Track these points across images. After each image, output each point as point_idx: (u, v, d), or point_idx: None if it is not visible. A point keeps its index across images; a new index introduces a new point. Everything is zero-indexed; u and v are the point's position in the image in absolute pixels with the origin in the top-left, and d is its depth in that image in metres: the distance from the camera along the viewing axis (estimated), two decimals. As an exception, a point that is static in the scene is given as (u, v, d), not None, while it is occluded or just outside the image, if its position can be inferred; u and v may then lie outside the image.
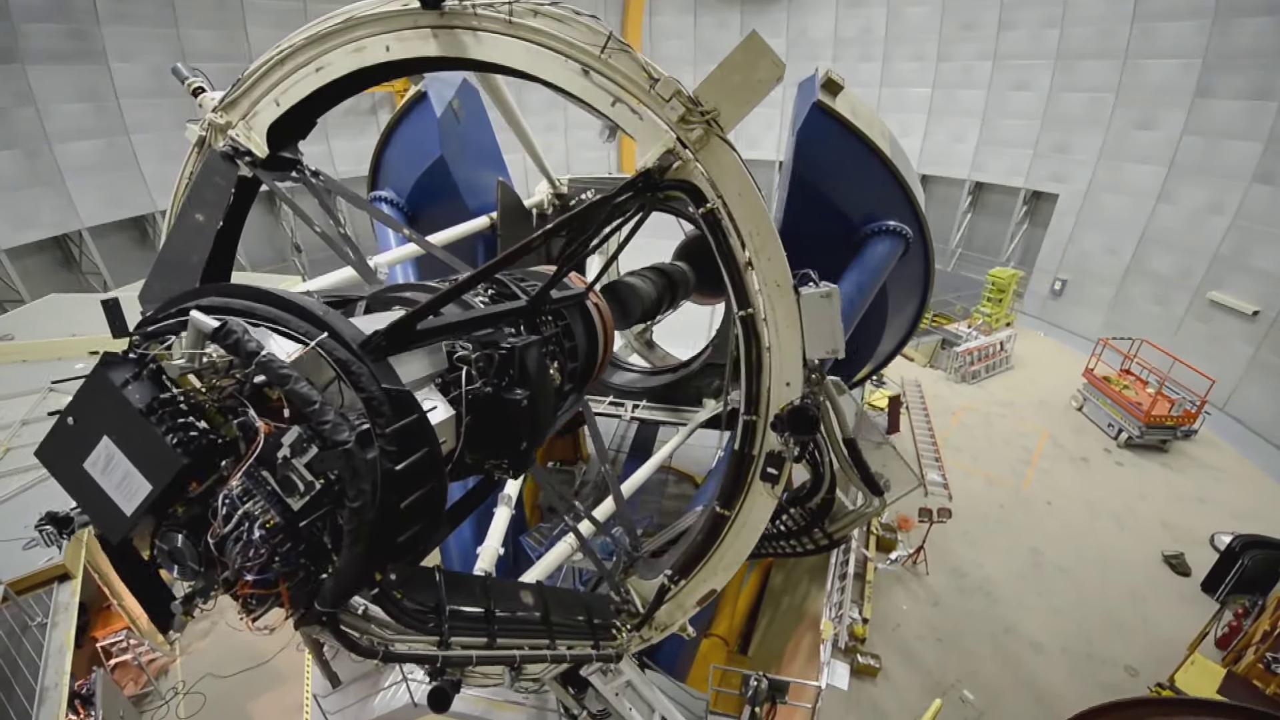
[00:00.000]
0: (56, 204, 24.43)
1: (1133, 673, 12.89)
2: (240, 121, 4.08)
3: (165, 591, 3.25)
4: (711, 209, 3.55)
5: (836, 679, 10.41)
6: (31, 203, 23.76)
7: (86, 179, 25.12)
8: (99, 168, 25.51)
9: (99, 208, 25.63)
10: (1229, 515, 17.42)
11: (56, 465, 2.90)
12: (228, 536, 2.71)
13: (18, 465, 12.21)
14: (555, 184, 12.34)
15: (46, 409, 13.45)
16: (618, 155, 38.62)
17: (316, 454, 2.73)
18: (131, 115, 26.12)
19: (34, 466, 11.48)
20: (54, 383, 3.65)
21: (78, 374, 2.83)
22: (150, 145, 26.92)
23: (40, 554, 9.94)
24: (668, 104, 3.37)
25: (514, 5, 3.28)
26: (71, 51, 24.06)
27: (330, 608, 3.10)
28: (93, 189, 25.36)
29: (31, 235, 23.86)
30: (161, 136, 27.15)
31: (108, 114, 25.54)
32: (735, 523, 4.34)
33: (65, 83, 24.09)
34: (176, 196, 4.31)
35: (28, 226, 23.72)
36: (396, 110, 11.78)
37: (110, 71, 25.19)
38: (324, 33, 3.67)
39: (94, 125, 25.23)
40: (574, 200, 12.30)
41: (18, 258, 23.45)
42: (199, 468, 2.73)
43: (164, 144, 27.29)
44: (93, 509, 2.85)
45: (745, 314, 3.75)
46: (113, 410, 2.67)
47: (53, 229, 24.46)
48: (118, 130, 25.89)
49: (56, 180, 24.30)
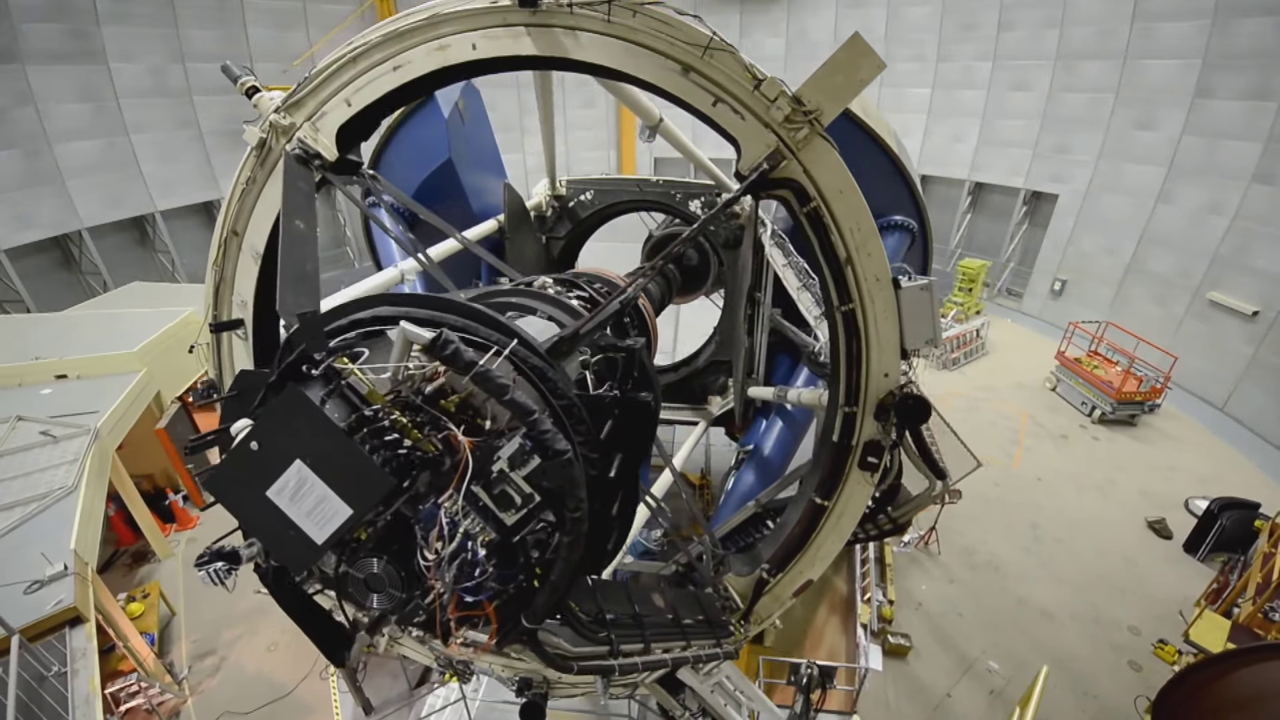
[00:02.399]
0: (56, 204, 24.27)
1: (1135, 632, 13.91)
2: (306, 123, 3.92)
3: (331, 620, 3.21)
4: (815, 206, 3.57)
5: (872, 661, 10.72)
6: (31, 203, 23.58)
7: (86, 179, 24.96)
8: (99, 168, 25.36)
9: (99, 208, 25.48)
10: (1197, 481, 18.88)
11: (231, 495, 2.70)
12: (445, 558, 2.61)
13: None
14: (557, 185, 12.27)
15: (14, 443, 12.51)
16: (617, 156, 38.59)
17: (538, 465, 2.65)
18: (131, 115, 25.97)
19: (15, 504, 10.84)
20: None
21: (43, 399, 2.57)
22: (150, 145, 26.81)
23: (44, 597, 9.29)
24: (773, 105, 3.37)
25: (612, 4, 3.26)
26: (71, 51, 23.92)
27: (538, 623, 3.02)
28: (93, 189, 25.21)
29: (31, 235, 23.66)
30: (161, 136, 27.10)
31: (107, 114, 25.39)
32: (833, 512, 4.38)
33: (65, 83, 23.93)
34: (232, 201, 4.09)
35: (27, 226, 23.53)
36: (400, 110, 11.72)
37: (110, 71, 25.05)
38: (404, 30, 3.56)
39: (94, 125, 25.07)
40: (572, 202, 12.24)
41: (17, 258, 23.23)
42: (403, 488, 2.62)
43: (164, 144, 27.24)
44: (273, 540, 2.68)
45: (847, 309, 3.77)
46: (309, 431, 2.51)
47: (52, 229, 24.27)
48: (118, 130, 25.72)
49: (56, 180, 24.14)
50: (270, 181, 3.99)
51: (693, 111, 3.51)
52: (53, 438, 12.73)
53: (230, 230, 4.14)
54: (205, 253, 17.98)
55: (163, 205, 27.34)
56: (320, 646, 3.80)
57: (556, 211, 12.18)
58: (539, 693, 4.39)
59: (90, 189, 25.10)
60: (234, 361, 4.39)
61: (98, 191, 25.37)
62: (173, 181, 27.65)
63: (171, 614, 13.99)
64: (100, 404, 13.98)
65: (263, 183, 4.01)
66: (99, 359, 15.55)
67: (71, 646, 9.17)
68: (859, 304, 3.75)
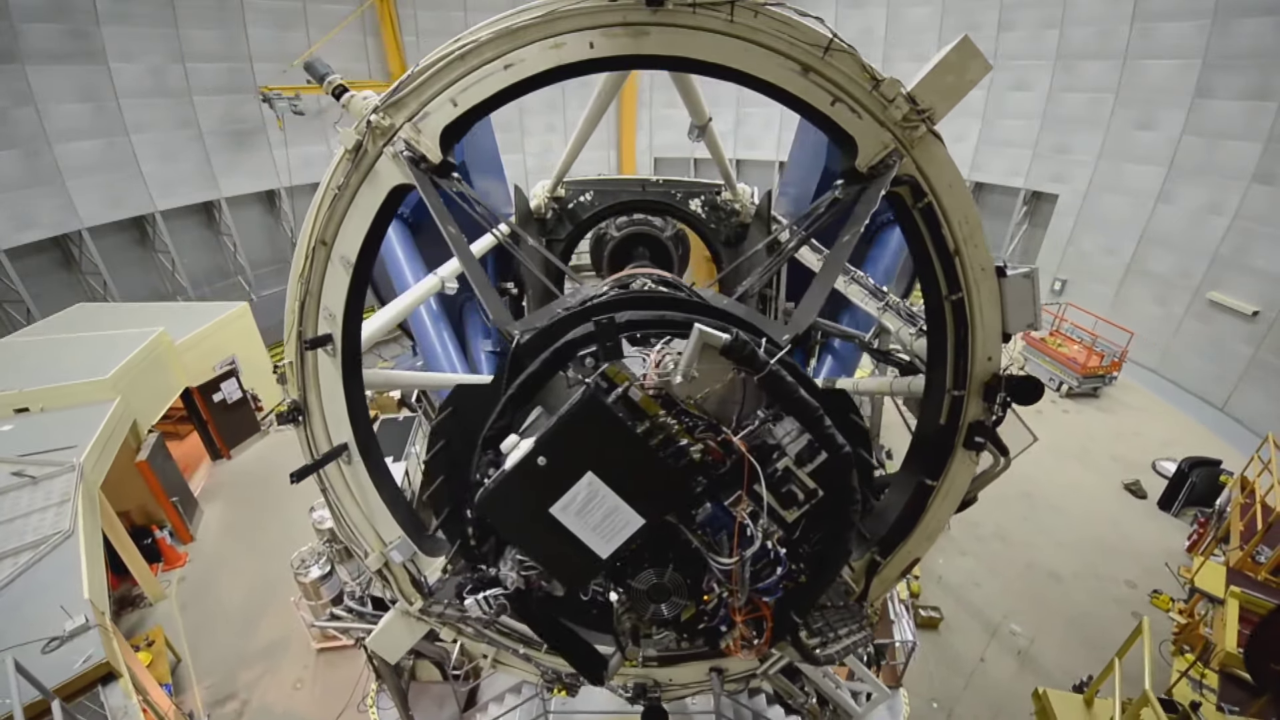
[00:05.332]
0: (56, 204, 23.98)
1: (1132, 585, 15.50)
2: (406, 124, 3.74)
3: (580, 639, 3.18)
4: (928, 202, 3.65)
5: (906, 635, 10.82)
6: (31, 203, 23.30)
7: (86, 179, 24.67)
8: (99, 168, 25.07)
9: (99, 208, 25.19)
10: (1160, 444, 20.90)
11: (506, 514, 2.66)
12: (747, 559, 2.61)
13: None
14: (559, 186, 12.16)
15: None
16: (617, 156, 38.57)
17: (824, 460, 2.68)
18: (131, 115, 25.66)
19: (3, 555, 9.82)
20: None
21: (3, 436, 2.43)
22: (150, 145, 26.50)
23: (67, 654, 8.40)
24: (891, 105, 3.43)
25: (735, 5, 3.27)
26: (71, 51, 23.63)
27: (805, 617, 3.08)
28: (93, 189, 24.92)
29: (31, 235, 23.40)
30: (161, 136, 26.80)
31: (108, 114, 25.08)
32: (940, 491, 4.50)
33: (65, 83, 23.65)
34: (320, 209, 3.90)
35: (27, 226, 23.27)
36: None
37: (110, 71, 24.75)
38: (519, 27, 3.47)
39: (94, 125, 24.76)
40: (571, 203, 11.96)
41: (17, 258, 23.01)
42: (696, 494, 2.61)
43: (164, 144, 26.95)
44: (551, 557, 2.67)
45: (956, 298, 3.88)
46: (608, 442, 2.48)
47: (52, 229, 23.98)
48: (118, 130, 25.42)
49: (56, 180, 23.83)
50: (364, 187, 3.85)
51: (805, 111, 3.55)
52: (31, 478, 11.52)
53: (318, 240, 3.93)
54: (205, 253, 18.22)
55: (163, 205, 27.08)
56: (580, 668, 3.75)
57: (556, 213, 11.90)
58: (654, 696, 4.39)
59: (90, 189, 24.84)
60: (319, 380, 4.20)
61: (98, 191, 25.11)
62: (173, 181, 27.40)
63: (177, 660, 12.99)
64: (76, 437, 12.62)
65: (356, 188, 3.85)
66: (67, 388, 14.00)
67: (110, 705, 8.31)
68: (966, 293, 3.87)
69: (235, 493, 17.61)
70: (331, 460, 4.27)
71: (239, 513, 16.94)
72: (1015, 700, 12.34)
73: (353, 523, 4.48)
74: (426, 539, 4.67)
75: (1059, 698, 9.46)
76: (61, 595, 9.17)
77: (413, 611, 4.72)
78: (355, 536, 4.52)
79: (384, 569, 4.63)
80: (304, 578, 11.51)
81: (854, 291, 7.59)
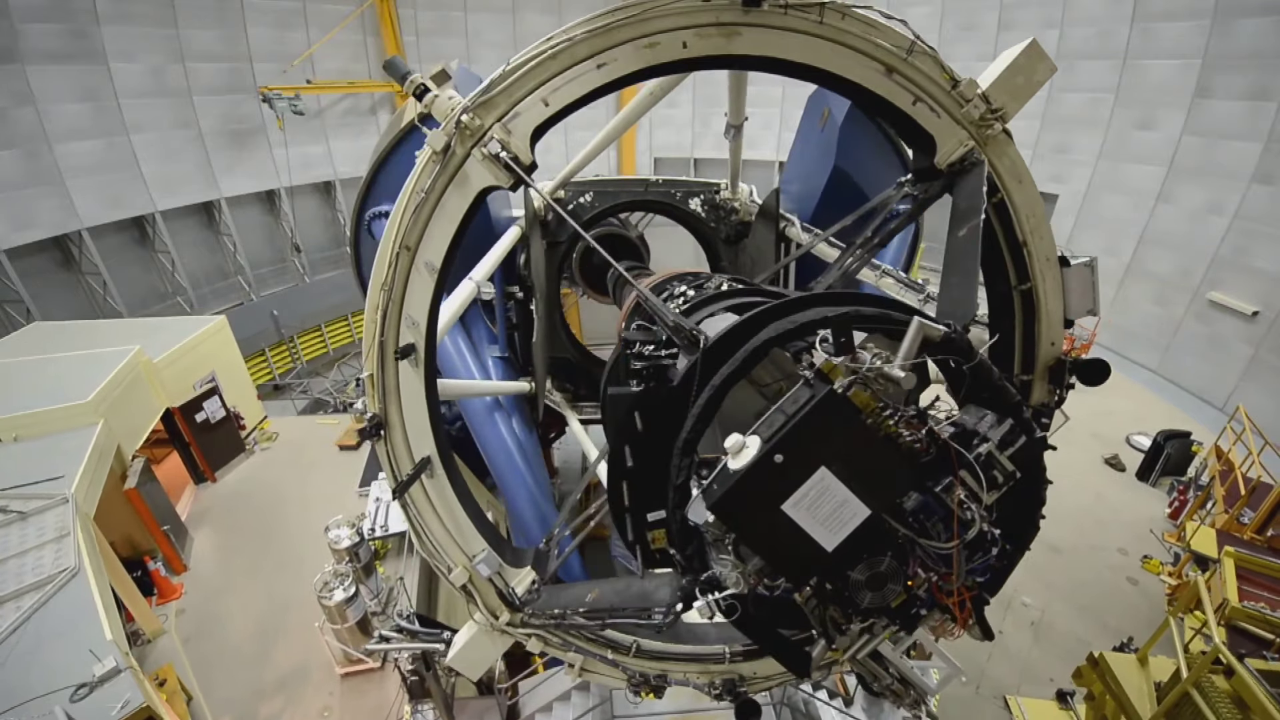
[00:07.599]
0: (56, 204, 23.91)
1: (1124, 553, 16.43)
2: (496, 124, 3.65)
3: (781, 636, 3.19)
4: (1001, 197, 3.81)
5: None
6: (31, 203, 23.23)
7: (86, 179, 24.60)
8: (99, 168, 25.00)
9: (99, 208, 25.14)
10: (1132, 420, 21.69)
11: (740, 513, 2.68)
12: (966, 542, 2.69)
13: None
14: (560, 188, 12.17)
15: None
16: (617, 156, 38.58)
17: (1024, 444, 2.78)
18: (131, 115, 25.61)
19: (4, 599, 8.69)
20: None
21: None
22: (150, 145, 26.45)
23: (99, 701, 7.50)
24: (968, 104, 3.54)
25: (824, 6, 3.32)
26: (71, 51, 23.58)
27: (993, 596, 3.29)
28: (93, 189, 24.86)
29: (31, 235, 23.31)
30: (161, 136, 26.75)
31: (107, 114, 25.02)
32: None
33: (65, 83, 23.60)
34: (404, 214, 3.80)
35: (27, 226, 23.19)
36: (414, 115, 11.37)
37: (110, 71, 24.69)
38: (612, 25, 3.46)
39: (94, 125, 24.71)
40: (572, 204, 12.12)
41: (17, 258, 22.92)
42: (920, 482, 2.68)
43: (164, 144, 26.90)
44: (778, 554, 2.72)
45: (1025, 287, 4.07)
46: (839, 436, 2.54)
47: (52, 229, 23.90)
48: (118, 130, 25.36)
49: (56, 180, 23.76)
50: (450, 189, 3.76)
51: (885, 110, 3.62)
52: (19, 513, 10.49)
53: (401, 245, 3.83)
54: (205, 253, 17.98)
55: (163, 205, 26.99)
56: (788, 665, 3.81)
57: (557, 215, 11.98)
58: (742, 690, 4.41)
59: (90, 189, 24.75)
60: (400, 392, 4.11)
61: (98, 191, 25.03)
62: (173, 181, 27.30)
63: (189, 697, 11.95)
64: (61, 467, 11.44)
65: (442, 190, 3.75)
66: (45, 414, 12.61)
67: (156, 753, 7.42)
68: (1034, 282, 4.03)
69: (225, 517, 16.35)
70: (421, 474, 4.24)
71: (232, 538, 15.83)
72: (1036, 668, 13.27)
73: (435, 539, 4.42)
74: (510, 550, 4.65)
75: (1115, 659, 9.88)
76: (79, 638, 8.34)
77: (499, 625, 4.67)
78: (437, 552, 4.45)
79: (468, 584, 4.57)
80: (328, 600, 10.93)
81: (888, 284, 7.64)
